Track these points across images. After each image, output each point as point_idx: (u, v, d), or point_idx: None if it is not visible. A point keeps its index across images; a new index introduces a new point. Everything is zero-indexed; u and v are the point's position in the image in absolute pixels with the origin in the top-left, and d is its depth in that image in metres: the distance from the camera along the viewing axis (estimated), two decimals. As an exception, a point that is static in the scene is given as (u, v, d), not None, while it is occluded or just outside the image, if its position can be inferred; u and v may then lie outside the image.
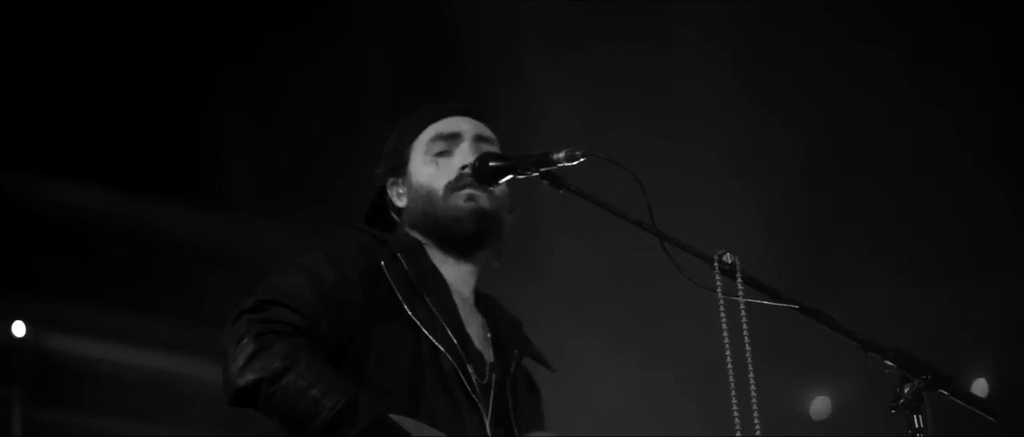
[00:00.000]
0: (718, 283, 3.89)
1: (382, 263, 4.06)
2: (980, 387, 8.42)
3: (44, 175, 7.29)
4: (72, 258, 7.31)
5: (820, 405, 8.61)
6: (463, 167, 4.22)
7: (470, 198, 4.22)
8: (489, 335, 4.30)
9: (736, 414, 4.42)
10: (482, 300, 4.38)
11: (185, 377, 7.43)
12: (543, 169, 4.13)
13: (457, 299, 4.22)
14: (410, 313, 4.02)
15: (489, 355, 4.23)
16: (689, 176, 8.04)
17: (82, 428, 7.36)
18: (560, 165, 4.10)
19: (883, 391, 3.90)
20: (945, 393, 3.86)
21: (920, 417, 3.82)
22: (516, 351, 4.30)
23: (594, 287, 8.12)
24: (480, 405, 4.07)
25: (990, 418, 3.96)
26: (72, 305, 7.34)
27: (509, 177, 4.20)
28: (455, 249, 4.28)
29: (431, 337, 4.02)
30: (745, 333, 3.84)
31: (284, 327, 3.81)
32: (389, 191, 4.35)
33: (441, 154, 4.27)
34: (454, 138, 4.29)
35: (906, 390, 3.84)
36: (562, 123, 8.04)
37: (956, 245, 8.18)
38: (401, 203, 4.32)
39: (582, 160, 4.07)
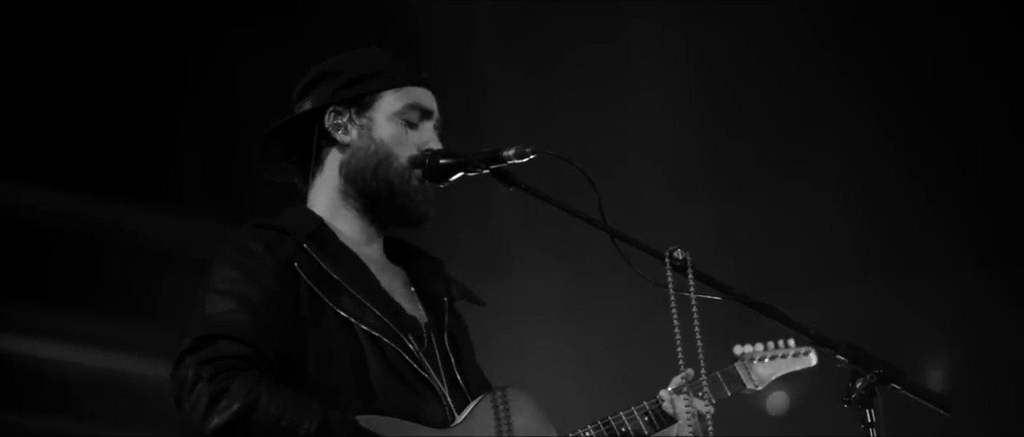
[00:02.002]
0: (669, 279, 3.89)
1: (296, 264, 3.99)
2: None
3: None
4: (22, 258, 7.26)
5: (777, 400, 8.60)
6: (428, 150, 4.19)
7: (423, 181, 4.19)
8: (412, 288, 4.27)
9: (689, 409, 4.44)
10: (392, 246, 4.33)
11: (138, 377, 7.39)
12: (493, 166, 4.12)
13: (375, 268, 4.19)
14: (336, 309, 3.98)
15: (421, 314, 4.20)
16: (642, 172, 8.05)
17: (34, 429, 7.32)
18: (510, 162, 4.09)
19: (841, 386, 3.91)
20: (897, 387, 3.87)
21: (872, 411, 3.83)
22: (445, 298, 4.27)
23: (552, 283, 8.12)
24: (430, 377, 4.05)
25: (943, 412, 3.97)
26: (23, 306, 7.30)
27: (459, 175, 4.19)
28: (390, 221, 4.24)
29: (364, 327, 3.99)
30: (697, 329, 3.84)
31: (234, 362, 3.76)
32: (330, 117, 4.22)
33: (410, 123, 4.22)
34: (427, 114, 4.26)
35: (858, 384, 3.85)
36: (514, 119, 8.04)
37: (909, 239, 8.22)
38: (343, 139, 4.21)
39: (532, 157, 4.06)
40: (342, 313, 3.98)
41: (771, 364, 4.82)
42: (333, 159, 4.23)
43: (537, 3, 8.23)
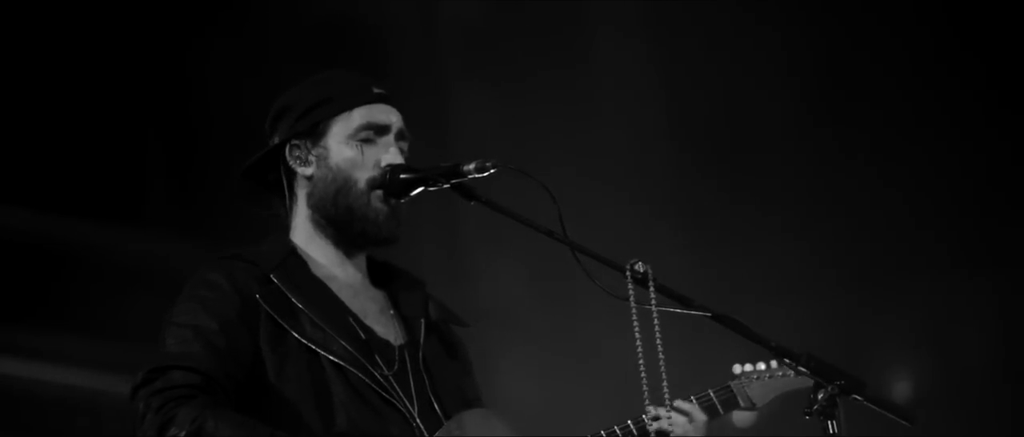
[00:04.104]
0: (631, 292, 3.89)
1: (257, 296, 4.02)
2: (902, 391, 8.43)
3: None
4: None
5: (743, 413, 8.55)
6: (387, 166, 4.19)
7: (385, 201, 4.20)
8: (392, 311, 4.28)
9: (652, 424, 4.44)
10: (376, 268, 4.35)
11: (103, 394, 7.37)
12: (454, 181, 4.12)
13: (347, 293, 4.21)
14: (299, 338, 4.00)
15: (397, 336, 4.21)
16: (606, 184, 8.05)
17: (-2, 448, 7.31)
18: (470, 176, 4.09)
19: (804, 398, 3.91)
20: (858, 398, 3.87)
21: (834, 423, 3.83)
22: (421, 319, 4.28)
23: (518, 295, 8.11)
24: (399, 403, 4.05)
25: (906, 423, 3.97)
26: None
27: (420, 190, 4.19)
28: (360, 244, 4.26)
29: (328, 355, 4.00)
30: (658, 342, 3.84)
31: (181, 391, 3.80)
32: (290, 151, 4.26)
33: (366, 141, 4.23)
34: (383, 130, 4.26)
35: (820, 396, 3.85)
36: (479, 132, 8.04)
37: (876, 250, 8.23)
38: (304, 172, 4.25)
39: (493, 171, 4.06)
40: (305, 342, 4.00)
41: (770, 383, 4.78)
42: (301, 191, 4.26)
43: (502, 15, 8.23)
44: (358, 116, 4.24)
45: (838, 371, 3.85)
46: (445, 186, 4.15)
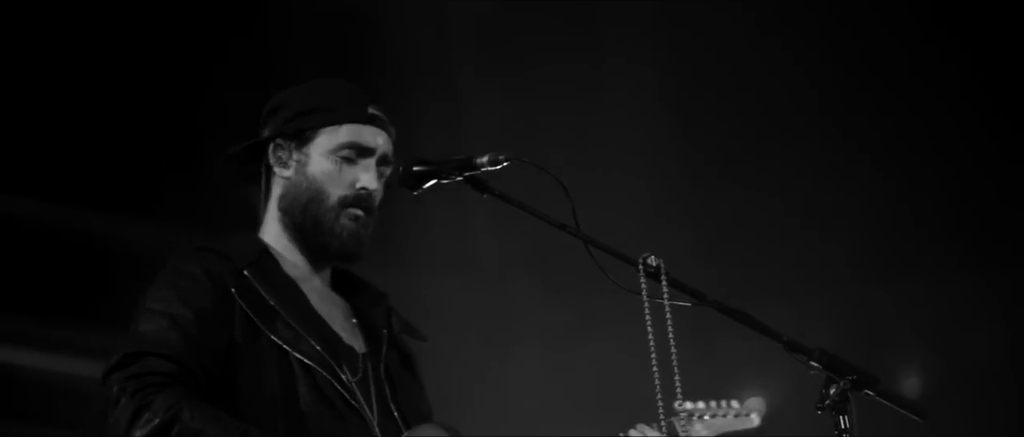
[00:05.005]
0: (643, 286, 3.90)
1: (233, 290, 4.02)
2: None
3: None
4: (-1, 266, 7.27)
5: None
6: (361, 188, 4.20)
7: (355, 219, 4.21)
8: (354, 320, 4.29)
9: (662, 417, 4.45)
10: (339, 277, 4.36)
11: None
12: (467, 174, 4.12)
13: (315, 297, 4.21)
14: (271, 335, 4.01)
15: (359, 344, 4.22)
16: (617, 179, 8.05)
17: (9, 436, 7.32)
18: (483, 169, 4.10)
19: (816, 392, 3.91)
20: (870, 393, 3.87)
21: (846, 418, 3.83)
22: (384, 330, 4.28)
23: (524, 288, 8.12)
24: (361, 408, 4.06)
25: (918, 419, 3.97)
26: (-1, 313, 7.31)
27: (433, 182, 4.19)
28: (321, 258, 4.26)
29: (297, 355, 4.02)
30: (670, 335, 3.85)
31: (158, 378, 3.80)
32: (273, 150, 4.25)
33: (347, 160, 4.23)
34: (366, 152, 4.25)
35: (832, 391, 3.85)
36: (489, 126, 8.04)
37: (886, 246, 8.24)
38: (282, 172, 4.24)
39: (505, 164, 4.07)
40: (276, 340, 4.01)
41: (710, 423, 4.78)
42: (276, 191, 4.27)
43: (512, 11, 8.24)
44: (345, 133, 4.23)
45: (850, 366, 3.85)
46: (458, 179, 4.15)
